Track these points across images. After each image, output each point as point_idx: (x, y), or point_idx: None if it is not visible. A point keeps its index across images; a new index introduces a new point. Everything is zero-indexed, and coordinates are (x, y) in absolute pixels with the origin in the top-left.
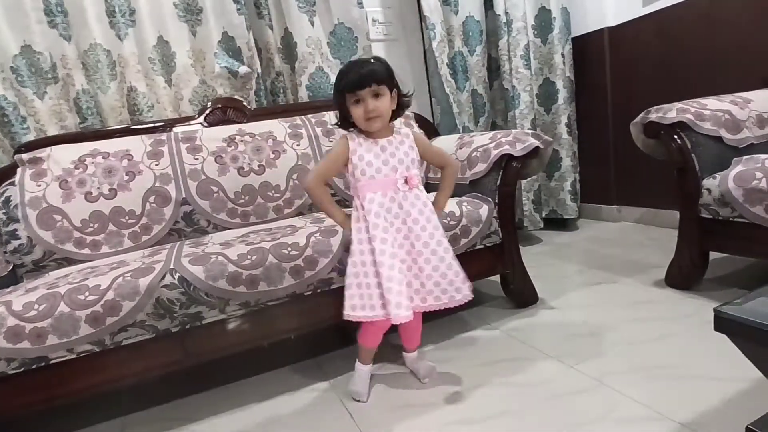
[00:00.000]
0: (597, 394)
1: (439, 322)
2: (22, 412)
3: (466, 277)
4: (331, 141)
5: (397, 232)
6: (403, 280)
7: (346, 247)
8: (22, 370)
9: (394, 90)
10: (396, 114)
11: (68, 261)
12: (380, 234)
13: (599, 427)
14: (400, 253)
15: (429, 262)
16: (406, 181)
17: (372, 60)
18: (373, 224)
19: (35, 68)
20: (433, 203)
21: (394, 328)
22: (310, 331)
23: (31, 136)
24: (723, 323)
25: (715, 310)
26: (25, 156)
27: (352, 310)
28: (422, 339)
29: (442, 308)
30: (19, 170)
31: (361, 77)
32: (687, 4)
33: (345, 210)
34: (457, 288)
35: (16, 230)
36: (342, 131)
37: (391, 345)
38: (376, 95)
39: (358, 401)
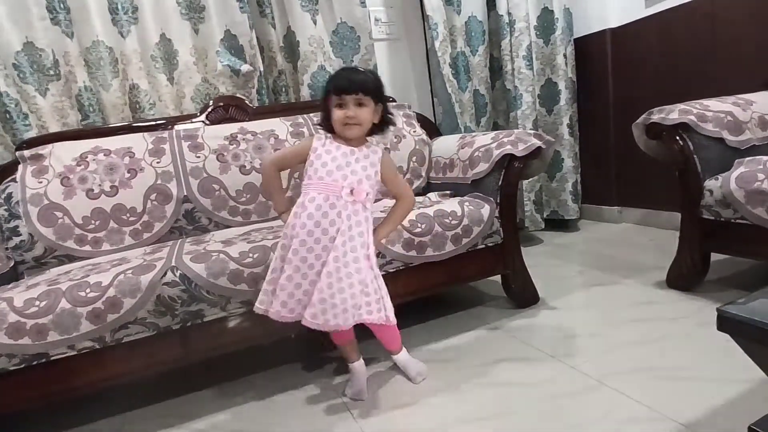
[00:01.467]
0: (598, 394)
1: (439, 322)
2: (22, 408)
3: (390, 309)
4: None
5: (330, 241)
6: (301, 285)
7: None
8: (22, 366)
9: (380, 104)
10: (377, 129)
11: (69, 258)
12: (304, 235)
13: (600, 428)
14: (317, 263)
15: (329, 276)
16: (351, 192)
17: (367, 70)
18: (301, 223)
19: (37, 65)
20: (374, 229)
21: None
22: (312, 330)
23: (32, 133)
24: (726, 323)
25: (718, 309)
26: (26, 152)
27: (263, 305)
28: (422, 339)
29: (316, 329)
30: (20, 167)
31: (350, 82)
32: (689, 5)
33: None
34: (335, 314)
35: (17, 227)
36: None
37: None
38: (360, 104)
39: (359, 400)
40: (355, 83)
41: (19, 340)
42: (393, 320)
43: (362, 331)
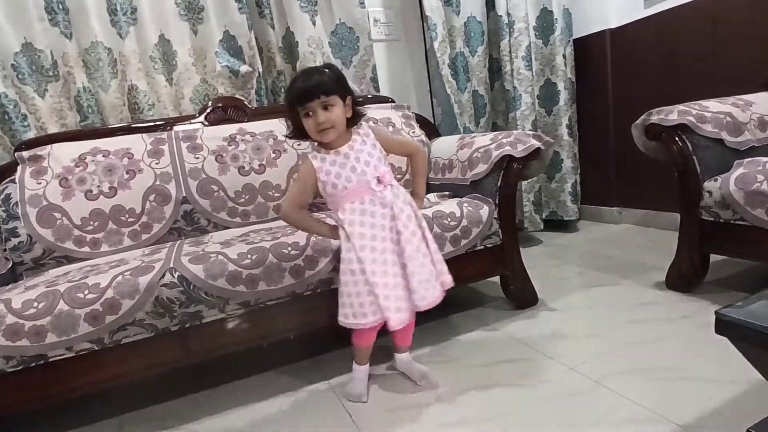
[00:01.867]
0: (596, 395)
1: (438, 323)
2: (20, 410)
3: (446, 271)
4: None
5: (382, 230)
6: (400, 284)
7: (336, 255)
8: (20, 368)
9: (348, 97)
10: (352, 121)
11: (68, 259)
12: (368, 242)
13: (598, 429)
14: (390, 257)
15: (414, 260)
16: (379, 181)
17: (322, 68)
18: (359, 234)
19: (36, 66)
20: (412, 194)
21: (385, 329)
22: (310, 331)
23: (31, 134)
24: (724, 326)
25: (716, 312)
26: (25, 153)
27: (345, 318)
28: (421, 340)
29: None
30: (19, 168)
31: (308, 89)
32: (689, 6)
33: (328, 221)
34: (443, 281)
35: (15, 228)
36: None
37: (388, 347)
38: (326, 106)
39: (358, 402)
40: (314, 88)
41: (17, 342)
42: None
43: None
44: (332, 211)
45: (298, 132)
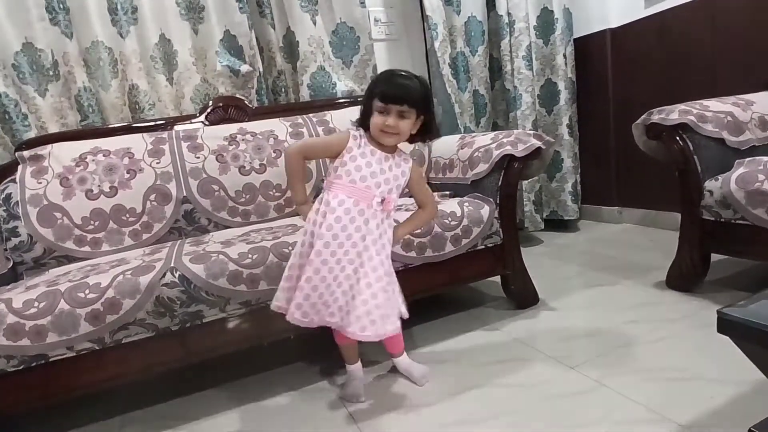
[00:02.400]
0: (597, 395)
1: (439, 323)
2: (21, 410)
3: (402, 303)
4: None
5: (351, 247)
6: (325, 294)
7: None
8: (21, 367)
9: (422, 116)
10: (415, 138)
11: (68, 259)
12: (329, 238)
13: (599, 429)
14: (333, 266)
15: (369, 287)
16: (382, 202)
17: (417, 78)
18: (327, 225)
19: (37, 65)
20: (396, 226)
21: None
22: (310, 331)
23: (32, 134)
24: (726, 325)
25: (718, 312)
26: (26, 153)
27: (276, 300)
28: (422, 340)
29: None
30: (20, 167)
31: (399, 93)
32: (689, 5)
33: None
34: (392, 321)
35: (16, 227)
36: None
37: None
38: (402, 115)
39: (356, 402)
40: (405, 95)
41: (17, 342)
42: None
43: None
44: (324, 189)
45: (364, 122)
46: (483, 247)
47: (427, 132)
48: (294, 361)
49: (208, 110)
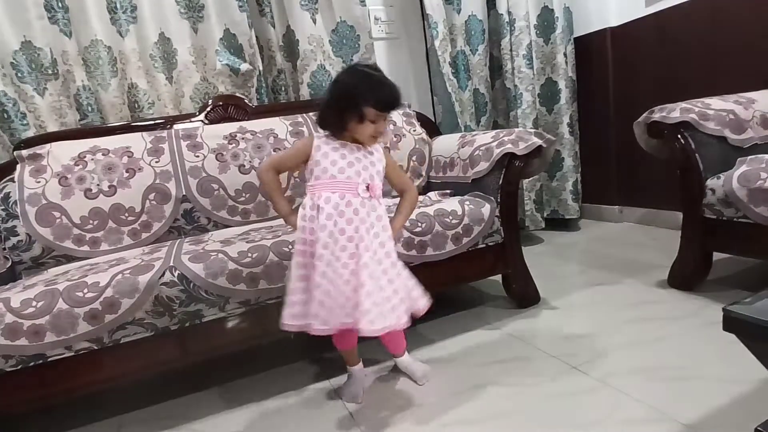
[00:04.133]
0: (600, 394)
1: (440, 322)
2: (19, 410)
3: (421, 295)
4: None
5: (348, 240)
6: (330, 295)
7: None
8: (19, 367)
9: None
10: None
11: (67, 258)
12: (325, 238)
13: (602, 428)
14: (337, 265)
15: (373, 277)
16: (367, 188)
17: (385, 75)
18: (320, 225)
19: (35, 64)
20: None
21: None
22: (360, 333)
23: (30, 133)
24: (732, 323)
25: (724, 309)
26: (24, 152)
27: (288, 320)
28: (422, 339)
29: (376, 335)
30: (18, 166)
31: (395, 102)
32: (690, 4)
33: (292, 206)
34: (398, 316)
35: (15, 227)
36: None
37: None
38: (386, 119)
39: (354, 403)
40: (398, 104)
41: (15, 341)
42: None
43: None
44: (305, 197)
45: (337, 121)
46: (484, 245)
47: None
48: (294, 361)
49: (208, 109)
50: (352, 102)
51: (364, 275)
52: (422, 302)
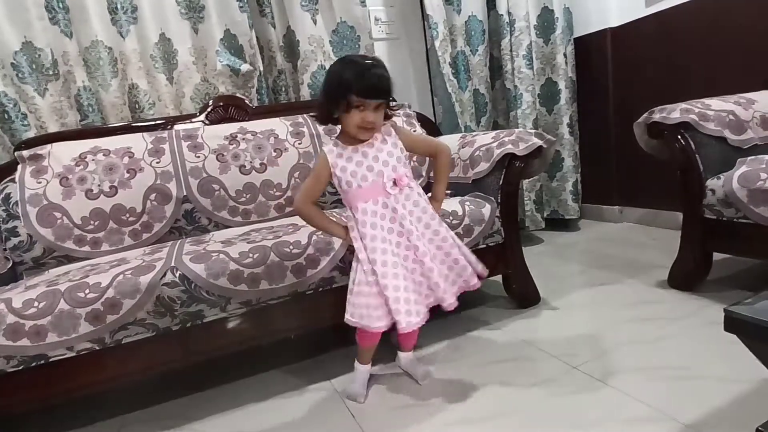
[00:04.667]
0: (600, 394)
1: (440, 322)
2: (21, 411)
3: (477, 260)
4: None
5: (398, 236)
6: (410, 287)
7: (350, 249)
8: (21, 368)
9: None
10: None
11: (68, 259)
12: (379, 245)
13: (603, 428)
14: (401, 259)
15: (435, 259)
16: (395, 183)
17: (383, 66)
18: (370, 236)
19: (36, 65)
20: (431, 197)
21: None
22: (311, 331)
23: (31, 133)
24: (734, 323)
25: (725, 309)
26: (25, 153)
27: (352, 317)
28: (423, 340)
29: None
30: (19, 167)
31: (380, 88)
32: (690, 5)
33: (341, 221)
34: (465, 280)
35: (16, 227)
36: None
37: (390, 345)
38: (377, 108)
39: (356, 402)
40: (384, 89)
41: (17, 342)
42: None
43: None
44: (347, 208)
45: (329, 116)
46: (484, 246)
47: (386, 116)
48: (295, 361)
49: (209, 109)
50: (338, 90)
51: (427, 262)
52: (474, 279)
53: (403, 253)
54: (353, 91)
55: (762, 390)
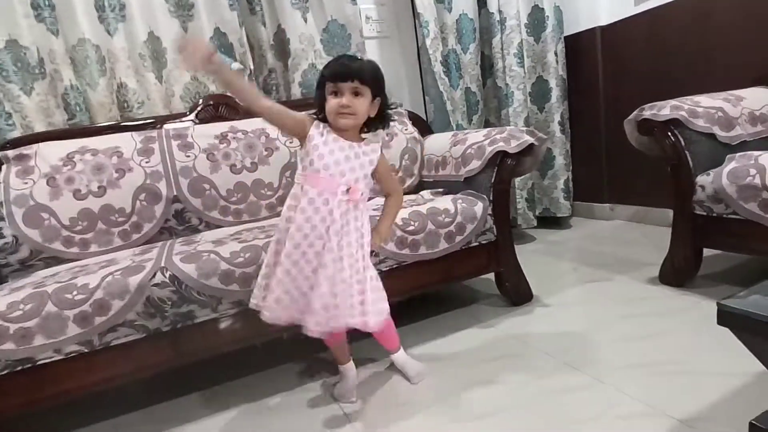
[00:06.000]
0: (594, 391)
1: (433, 321)
2: (7, 415)
3: (380, 311)
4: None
5: (317, 238)
6: (290, 290)
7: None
8: (6, 372)
9: (378, 99)
10: (373, 124)
11: (56, 260)
12: (299, 239)
13: (598, 425)
14: (301, 261)
15: (329, 280)
16: (348, 191)
17: (365, 60)
18: (297, 225)
19: (22, 63)
20: (373, 228)
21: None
22: (303, 330)
23: (17, 133)
24: (726, 317)
25: (718, 303)
26: (10, 153)
27: (253, 298)
28: (416, 338)
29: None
30: (4, 167)
31: (347, 69)
32: (678, 3)
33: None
34: (337, 318)
35: (0, 229)
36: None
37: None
38: (356, 93)
39: (347, 402)
40: (352, 70)
41: (2, 345)
42: (386, 318)
43: (357, 330)
44: (296, 183)
45: (320, 112)
46: (477, 244)
47: (386, 116)
48: (287, 362)
49: (199, 108)
50: (319, 83)
51: (321, 276)
52: (372, 320)
53: (309, 256)
54: (327, 78)
55: (755, 384)
